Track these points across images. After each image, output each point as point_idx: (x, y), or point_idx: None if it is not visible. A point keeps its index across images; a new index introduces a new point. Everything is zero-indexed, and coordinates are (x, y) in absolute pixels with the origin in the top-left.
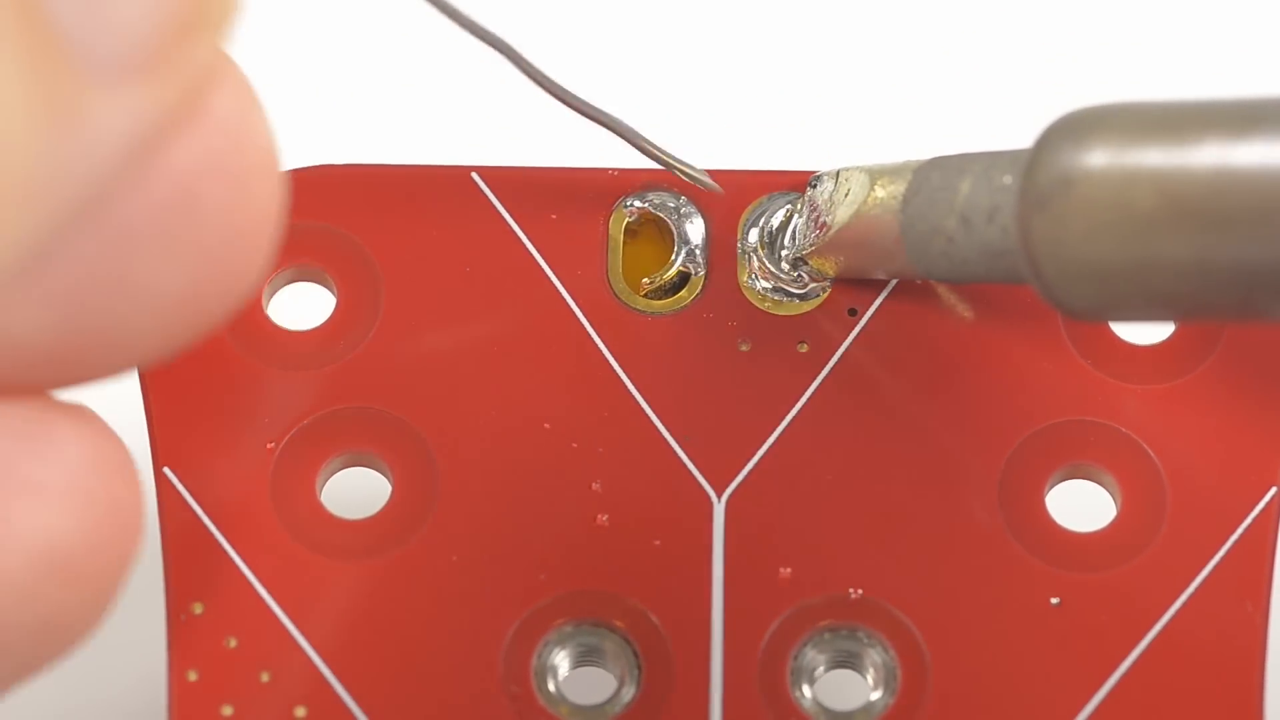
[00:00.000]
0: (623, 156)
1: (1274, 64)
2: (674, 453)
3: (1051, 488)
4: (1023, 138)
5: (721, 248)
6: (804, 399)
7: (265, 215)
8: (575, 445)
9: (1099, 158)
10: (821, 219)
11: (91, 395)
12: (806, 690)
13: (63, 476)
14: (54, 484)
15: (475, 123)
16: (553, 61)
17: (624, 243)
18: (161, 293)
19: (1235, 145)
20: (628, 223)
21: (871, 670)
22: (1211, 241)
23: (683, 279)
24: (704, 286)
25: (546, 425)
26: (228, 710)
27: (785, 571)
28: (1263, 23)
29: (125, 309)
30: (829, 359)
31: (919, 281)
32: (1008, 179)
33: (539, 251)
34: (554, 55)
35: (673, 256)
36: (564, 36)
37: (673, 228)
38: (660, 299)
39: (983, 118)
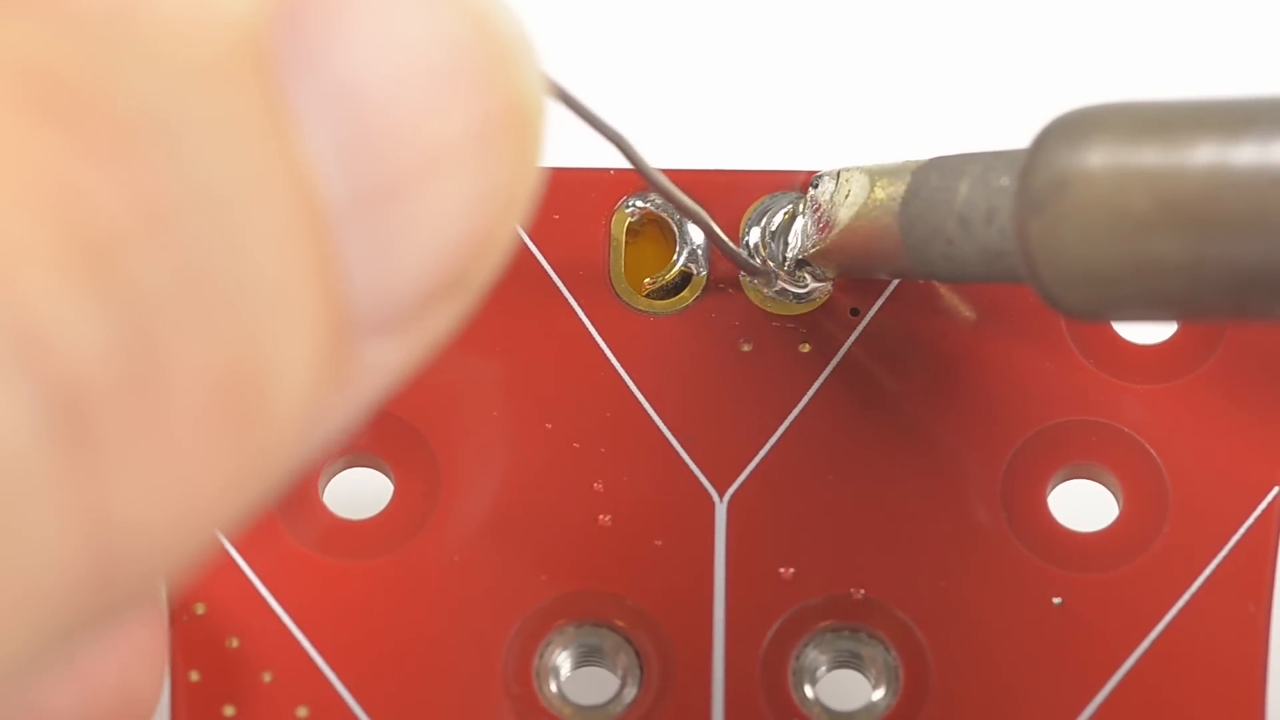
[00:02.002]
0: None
1: (1271, 63)
2: (676, 453)
3: (1053, 488)
4: (1023, 136)
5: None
6: (806, 399)
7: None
8: (577, 445)
9: (1094, 160)
10: (823, 219)
11: None
12: (808, 690)
13: None
14: None
15: None
16: (555, 61)
17: (626, 243)
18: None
19: (1229, 147)
20: (630, 223)
21: (873, 670)
22: (1206, 243)
23: (685, 279)
24: (706, 286)
25: (548, 425)
26: (230, 710)
27: (787, 571)
28: (1259, 22)
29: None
30: (831, 359)
31: (921, 282)
32: (1005, 180)
33: (541, 251)
34: (557, 54)
35: (675, 257)
36: (567, 35)
37: (675, 228)
38: (662, 299)
39: (983, 116)
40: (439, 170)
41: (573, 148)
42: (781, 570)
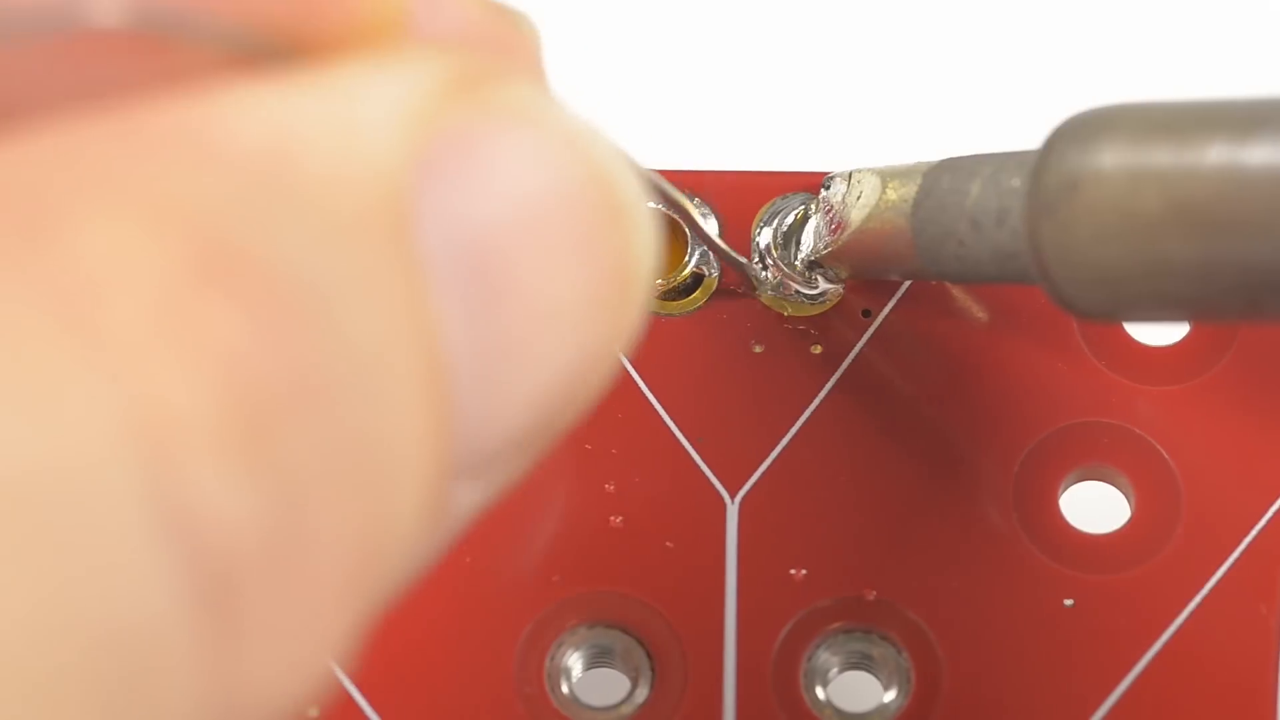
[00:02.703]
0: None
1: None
2: (687, 454)
3: (1066, 489)
4: (1034, 137)
5: (735, 249)
6: (817, 400)
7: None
8: (589, 447)
9: (1105, 160)
10: (835, 221)
11: None
12: (820, 692)
13: None
14: None
15: None
16: (569, 62)
17: None
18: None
19: (1241, 147)
20: None
21: (885, 672)
22: (1218, 244)
23: (696, 280)
24: (718, 288)
25: None
26: None
27: (798, 573)
28: (1271, 22)
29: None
30: (843, 361)
31: (933, 283)
32: (1016, 181)
33: None
34: (569, 53)
35: (686, 258)
36: (579, 34)
37: (687, 229)
38: (674, 300)
39: (994, 117)
40: (552, 328)
41: None
42: (793, 571)
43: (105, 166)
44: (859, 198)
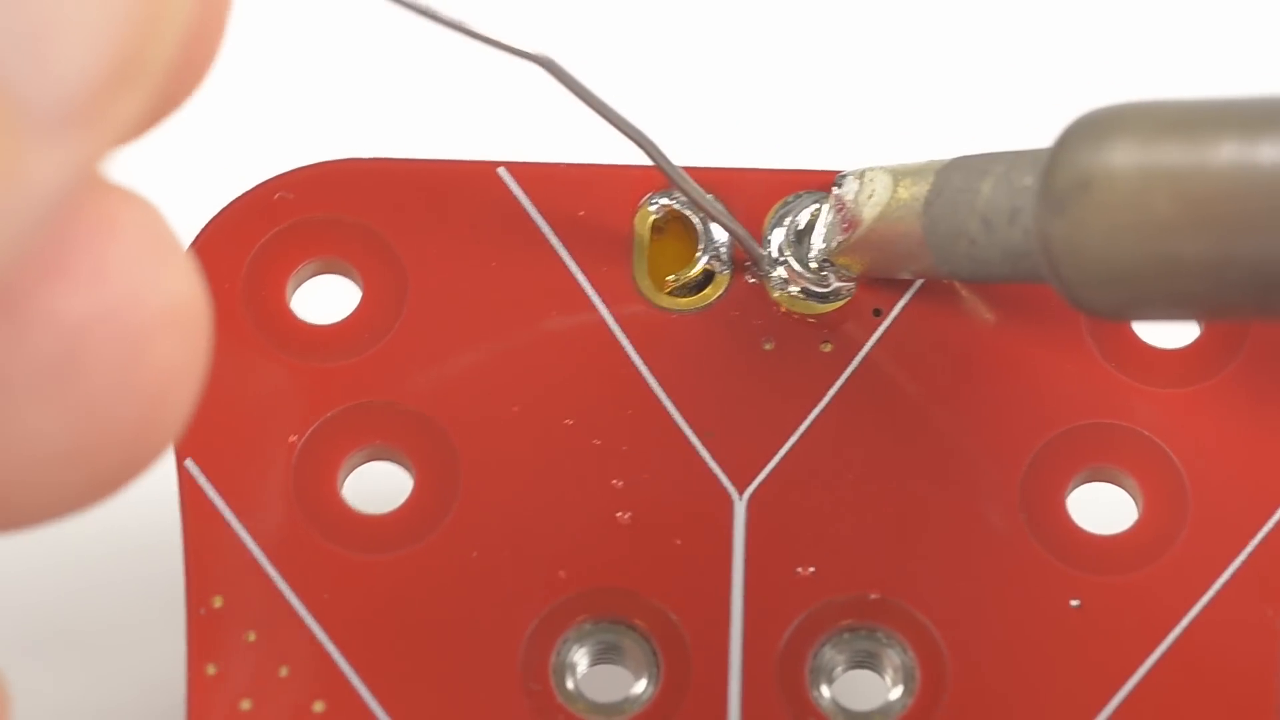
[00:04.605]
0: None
1: None
2: (696, 451)
3: (1073, 490)
4: (1046, 136)
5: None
6: (827, 399)
7: (168, 375)
8: (597, 442)
9: (1116, 159)
10: (847, 219)
11: None
12: (825, 690)
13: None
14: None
15: (503, 118)
16: (583, 60)
17: (649, 240)
18: (44, 449)
19: (1251, 145)
20: (653, 220)
21: (890, 670)
22: (1229, 242)
23: (707, 277)
24: (729, 285)
25: (569, 421)
26: (246, 704)
27: (805, 571)
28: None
29: (2, 462)
30: (853, 359)
31: (944, 282)
32: (1028, 180)
33: (564, 247)
34: (580, 51)
35: (698, 254)
36: (589, 31)
37: (698, 225)
38: (685, 297)
39: (1006, 115)
40: None
41: (598, 144)
42: (800, 569)
43: None
44: (871, 196)
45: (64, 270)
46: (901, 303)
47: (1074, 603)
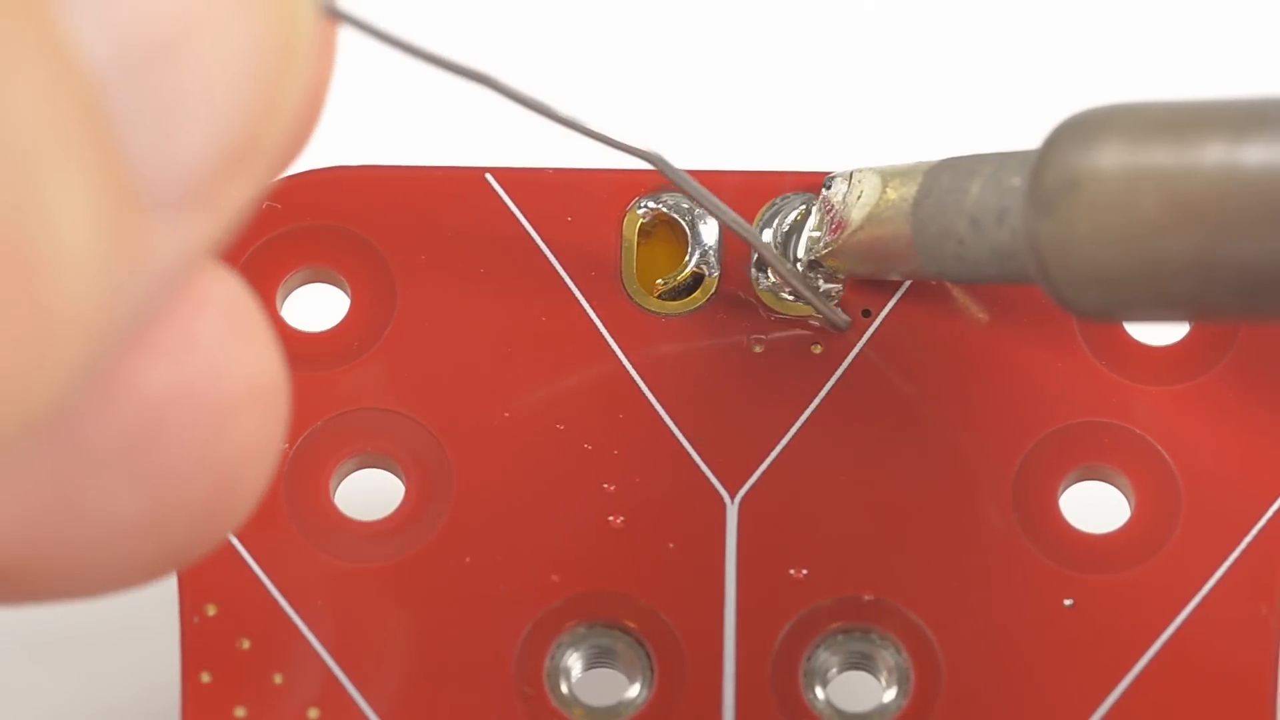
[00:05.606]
0: (636, 159)
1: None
2: (687, 454)
3: (1065, 489)
4: (1036, 136)
5: (735, 248)
6: (817, 400)
7: (246, 451)
8: (588, 446)
9: (1103, 160)
10: (836, 220)
11: None
12: (819, 692)
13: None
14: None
15: (489, 123)
16: (569, 62)
17: (638, 244)
18: (119, 520)
19: (1239, 146)
20: (641, 224)
21: (884, 672)
22: (1217, 243)
23: (696, 280)
24: (718, 288)
25: (560, 426)
26: (240, 712)
27: (798, 573)
28: (1269, 21)
29: (78, 531)
30: (843, 360)
31: (934, 282)
32: (1016, 181)
33: (553, 252)
34: (569, 54)
35: (686, 258)
36: (577, 35)
37: (686, 229)
38: (674, 300)
39: (995, 117)
40: (198, 29)
41: (585, 149)
42: (793, 571)
43: None
44: (859, 197)
45: (152, 343)
46: (891, 303)
47: (1067, 602)
